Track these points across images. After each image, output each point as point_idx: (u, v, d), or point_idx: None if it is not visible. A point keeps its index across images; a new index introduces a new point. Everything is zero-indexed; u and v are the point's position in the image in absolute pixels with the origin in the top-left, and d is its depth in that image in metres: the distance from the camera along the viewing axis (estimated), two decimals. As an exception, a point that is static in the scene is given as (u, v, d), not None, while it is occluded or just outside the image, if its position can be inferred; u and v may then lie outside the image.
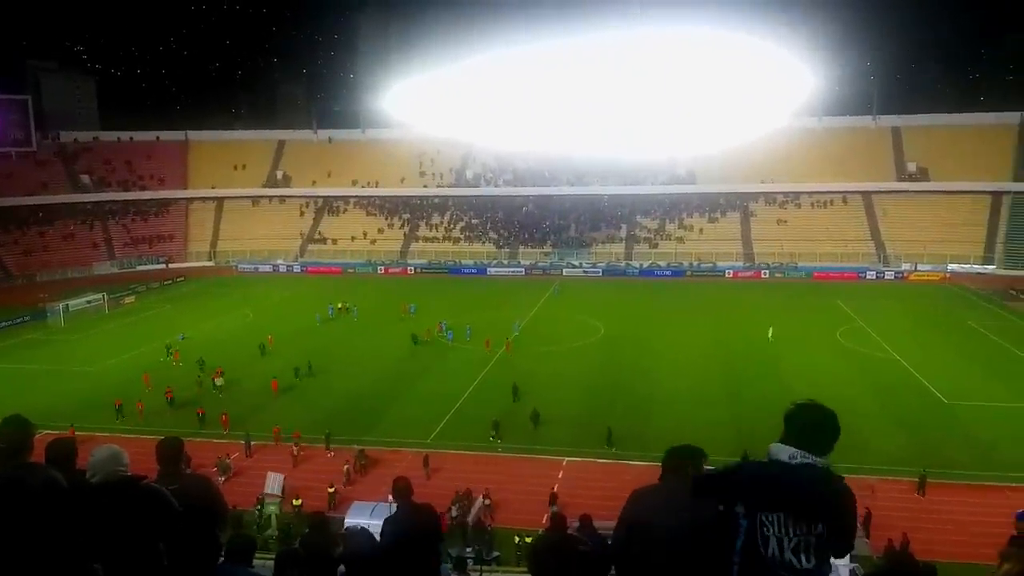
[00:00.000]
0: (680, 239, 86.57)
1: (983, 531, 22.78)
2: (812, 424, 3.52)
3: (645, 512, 4.42)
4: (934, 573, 8.78)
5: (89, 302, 66.01)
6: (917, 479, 30.45)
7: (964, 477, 31.26)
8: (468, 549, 24.79)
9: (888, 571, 4.38)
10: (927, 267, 77.35)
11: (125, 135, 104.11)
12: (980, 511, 27.58)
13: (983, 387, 42.71)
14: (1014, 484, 29.89)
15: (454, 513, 28.60)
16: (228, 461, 33.45)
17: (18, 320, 61.47)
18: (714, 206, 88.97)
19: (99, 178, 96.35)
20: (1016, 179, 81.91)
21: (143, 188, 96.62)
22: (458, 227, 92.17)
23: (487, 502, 29.27)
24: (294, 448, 34.58)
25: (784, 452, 3.47)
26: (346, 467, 32.48)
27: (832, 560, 3.44)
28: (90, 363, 49.97)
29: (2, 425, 4.07)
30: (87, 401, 41.64)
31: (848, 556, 22.99)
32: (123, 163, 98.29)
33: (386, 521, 7.66)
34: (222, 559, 4.99)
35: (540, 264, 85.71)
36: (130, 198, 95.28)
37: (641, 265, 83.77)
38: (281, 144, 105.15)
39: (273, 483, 30.97)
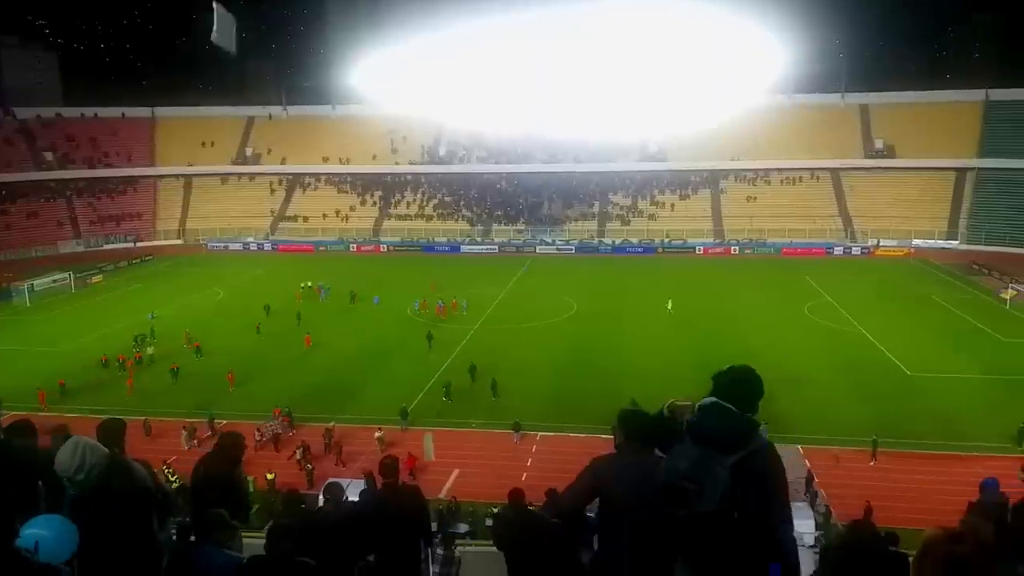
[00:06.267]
0: (652, 216, 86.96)
1: (945, 499, 23.42)
2: (734, 380, 3.63)
3: (608, 484, 4.49)
4: (897, 541, 9.10)
5: (55, 281, 64.97)
6: (870, 447, 31.32)
7: (926, 447, 32.14)
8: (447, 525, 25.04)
9: (851, 540, 4.47)
10: (892, 242, 78.57)
11: (89, 111, 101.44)
12: (941, 480, 28.42)
13: (946, 359, 43.76)
14: (975, 453, 30.78)
15: (298, 456, 31.25)
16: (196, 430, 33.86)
17: (-18, 300, 60.38)
18: (685, 183, 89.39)
19: (63, 155, 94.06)
20: (980, 155, 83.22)
21: (109, 165, 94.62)
22: (431, 204, 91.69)
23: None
24: (256, 431, 32.63)
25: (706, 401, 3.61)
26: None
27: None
28: (57, 343, 49.30)
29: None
30: (53, 382, 41.01)
31: (813, 524, 23.71)
32: (87, 140, 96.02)
33: (362, 493, 7.74)
34: (192, 538, 4.73)
35: (513, 241, 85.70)
36: (96, 176, 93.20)
37: (613, 242, 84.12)
38: (250, 121, 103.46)
39: None
